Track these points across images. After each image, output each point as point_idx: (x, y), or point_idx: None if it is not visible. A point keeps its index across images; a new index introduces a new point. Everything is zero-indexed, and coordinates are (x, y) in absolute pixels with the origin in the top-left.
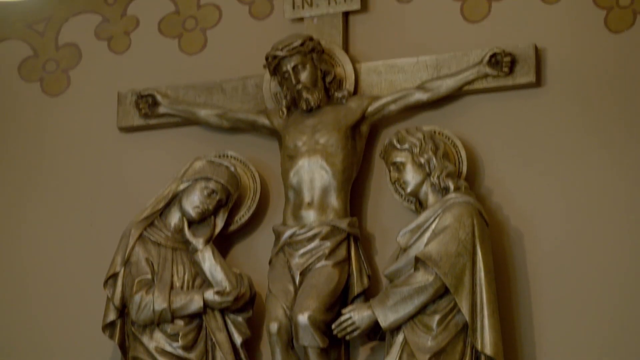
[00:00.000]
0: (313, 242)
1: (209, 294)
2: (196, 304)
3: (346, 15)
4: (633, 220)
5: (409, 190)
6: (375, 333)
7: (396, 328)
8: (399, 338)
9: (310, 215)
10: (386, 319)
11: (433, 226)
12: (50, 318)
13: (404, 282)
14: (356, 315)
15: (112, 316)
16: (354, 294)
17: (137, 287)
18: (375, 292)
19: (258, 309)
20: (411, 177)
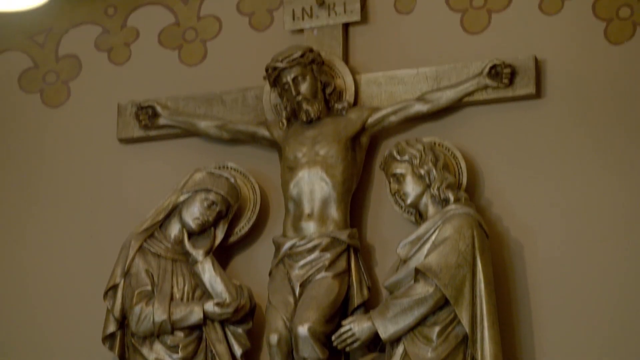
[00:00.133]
0: (313, 253)
1: (209, 306)
2: (196, 315)
3: (346, 26)
4: (634, 232)
5: (409, 201)
6: (375, 344)
7: (396, 339)
8: (399, 350)
9: (310, 227)
10: (386, 330)
11: (433, 237)
12: (51, 329)
13: (404, 293)
14: (356, 327)
15: (112, 328)
16: (354, 306)
17: (137, 298)
18: (375, 304)
19: (258, 321)
20: (411, 188)
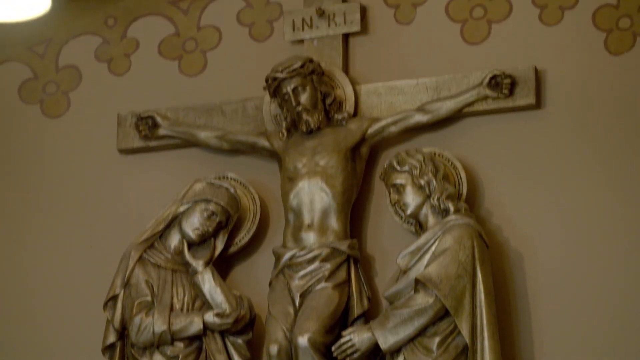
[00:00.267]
0: (313, 264)
1: (209, 316)
2: (196, 326)
3: (346, 37)
4: (633, 242)
5: (409, 212)
6: (375, 355)
7: (396, 350)
8: None
9: (310, 237)
10: (386, 341)
11: (433, 248)
12: (51, 340)
13: (404, 304)
14: (356, 337)
15: (111, 338)
16: (354, 316)
17: (137, 309)
18: (375, 314)
19: (258, 331)
20: (411, 199)
